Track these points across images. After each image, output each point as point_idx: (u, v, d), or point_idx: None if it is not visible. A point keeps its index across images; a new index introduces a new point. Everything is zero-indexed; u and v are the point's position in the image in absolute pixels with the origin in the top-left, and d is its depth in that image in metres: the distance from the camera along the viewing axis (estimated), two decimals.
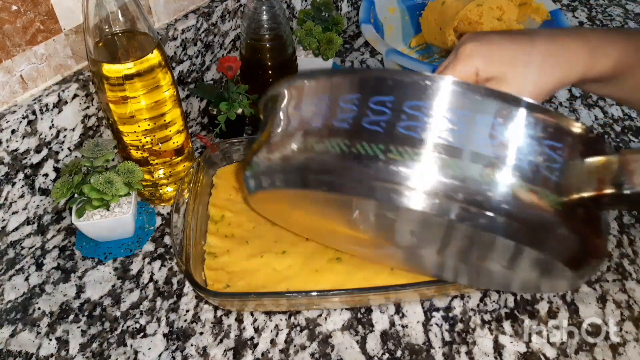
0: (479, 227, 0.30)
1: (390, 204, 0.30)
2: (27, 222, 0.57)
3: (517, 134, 0.30)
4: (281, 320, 0.51)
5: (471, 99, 0.30)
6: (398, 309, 0.51)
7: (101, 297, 0.53)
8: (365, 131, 0.30)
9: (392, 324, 0.50)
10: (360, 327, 0.50)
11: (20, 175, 0.54)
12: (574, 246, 0.32)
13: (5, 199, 0.54)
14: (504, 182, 0.29)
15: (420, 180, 0.29)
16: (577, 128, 0.31)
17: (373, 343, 0.49)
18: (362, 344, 0.49)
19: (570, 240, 0.31)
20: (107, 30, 0.50)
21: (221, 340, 0.49)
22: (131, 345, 0.49)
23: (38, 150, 0.54)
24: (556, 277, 0.36)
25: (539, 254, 0.32)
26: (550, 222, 0.30)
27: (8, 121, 0.50)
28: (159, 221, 0.60)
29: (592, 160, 0.30)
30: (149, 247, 0.57)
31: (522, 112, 0.30)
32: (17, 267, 0.55)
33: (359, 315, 0.51)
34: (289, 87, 0.36)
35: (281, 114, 0.36)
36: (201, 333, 0.50)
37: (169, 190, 0.61)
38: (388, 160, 0.29)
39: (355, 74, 0.33)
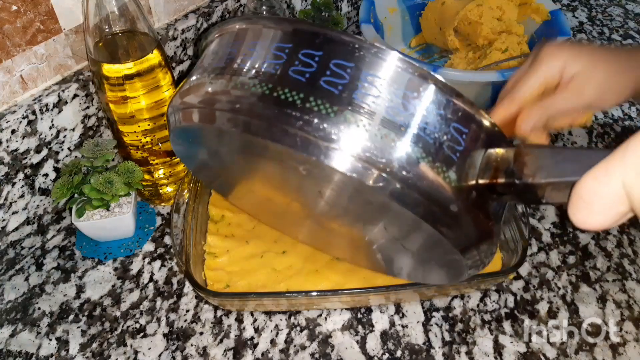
0: (376, 189, 0.30)
1: (297, 151, 0.31)
2: (27, 222, 0.57)
3: (427, 109, 0.31)
4: (281, 320, 0.51)
5: (392, 69, 0.31)
6: (398, 309, 0.51)
7: (101, 297, 0.53)
8: (289, 79, 0.31)
9: (392, 324, 0.50)
10: (360, 327, 0.50)
11: (20, 175, 0.54)
12: (464, 228, 0.33)
13: (5, 199, 0.54)
14: (408, 150, 0.30)
15: (329, 134, 0.30)
16: (485, 120, 0.32)
17: (373, 343, 0.49)
18: (362, 344, 0.49)
19: (462, 221, 0.32)
20: (107, 30, 0.50)
21: (221, 340, 0.49)
22: (131, 345, 0.49)
23: (38, 150, 0.54)
24: (447, 262, 0.37)
25: (429, 230, 0.32)
26: (445, 198, 0.31)
27: (8, 121, 0.51)
28: (159, 221, 0.60)
29: (491, 151, 0.32)
30: (149, 247, 0.57)
31: (432, 89, 0.31)
32: (17, 267, 0.55)
33: (359, 315, 0.51)
34: (222, 29, 0.37)
35: (210, 53, 0.37)
36: (201, 333, 0.50)
37: (169, 190, 0.61)
38: (304, 109, 0.30)
39: (290, 24, 0.33)
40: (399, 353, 0.48)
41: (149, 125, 0.53)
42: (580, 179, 0.24)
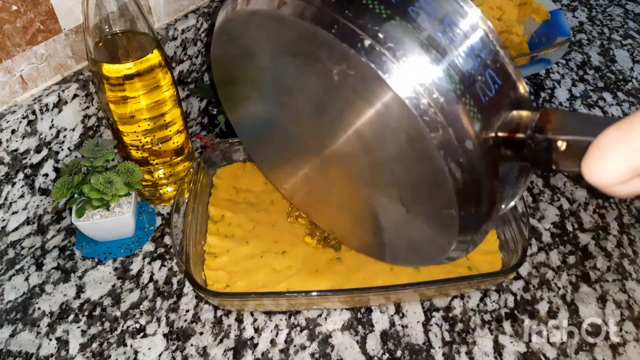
0: (404, 103, 0.30)
1: (344, 47, 0.30)
2: (27, 222, 0.57)
3: (472, 45, 0.31)
4: (281, 320, 0.51)
5: (454, 6, 0.31)
6: (398, 309, 0.51)
7: (101, 297, 0.53)
8: None
9: (392, 324, 0.50)
10: (360, 327, 0.50)
11: (20, 175, 0.54)
12: (471, 175, 0.32)
13: (5, 199, 0.54)
14: (443, 72, 0.30)
15: (381, 36, 0.30)
16: (520, 84, 0.32)
17: (373, 343, 0.49)
18: (362, 344, 0.49)
19: (472, 165, 0.32)
20: (107, 30, 0.50)
21: (221, 340, 0.49)
22: (131, 345, 0.49)
23: (38, 150, 0.54)
24: (439, 228, 0.37)
25: (438, 166, 0.32)
26: (464, 130, 0.31)
27: (8, 121, 0.50)
28: (159, 221, 0.60)
29: (517, 111, 0.32)
30: (149, 247, 0.57)
31: (481, 31, 0.31)
32: (17, 267, 0.55)
33: (359, 315, 0.51)
34: None
35: None
36: (201, 333, 0.50)
37: (169, 190, 0.61)
38: (361, 5, 0.30)
39: None
40: (399, 353, 0.48)
41: (149, 125, 0.53)
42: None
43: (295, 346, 0.49)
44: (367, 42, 0.30)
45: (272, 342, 0.49)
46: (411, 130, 0.31)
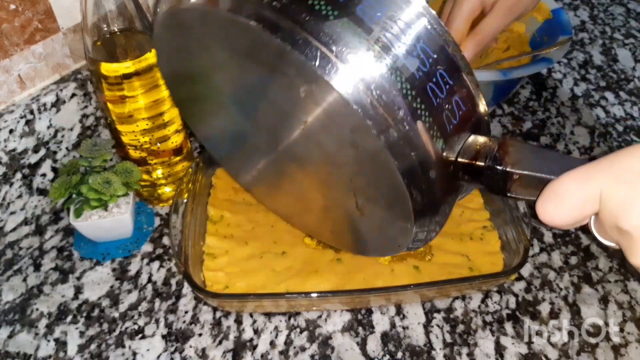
0: (373, 132, 0.30)
1: (299, 56, 0.29)
2: (25, 222, 0.57)
3: (441, 72, 0.31)
4: (281, 321, 0.50)
5: (418, 21, 0.31)
6: (399, 310, 0.51)
7: (99, 298, 0.52)
8: None
9: (393, 325, 0.50)
10: (360, 328, 0.50)
11: (18, 175, 0.53)
12: (430, 198, 0.33)
13: (3, 199, 0.53)
14: (413, 104, 0.30)
15: (333, 43, 0.29)
16: (482, 105, 0.33)
17: (373, 344, 0.49)
18: (363, 345, 0.48)
19: (431, 191, 0.33)
20: (106, 29, 0.49)
21: (220, 342, 0.49)
22: (129, 347, 0.49)
23: (36, 150, 0.54)
24: (393, 231, 0.38)
25: (400, 189, 0.32)
26: (429, 162, 0.31)
27: (6, 121, 0.50)
28: (157, 222, 0.59)
29: (477, 136, 0.33)
30: (147, 247, 0.57)
31: (450, 55, 0.31)
32: (15, 267, 0.55)
33: (359, 317, 0.51)
34: None
35: None
36: (200, 334, 0.49)
37: (167, 190, 0.60)
38: (308, 7, 0.29)
39: None
40: (399, 355, 0.48)
41: (147, 124, 0.53)
42: (557, 177, 0.27)
43: (295, 348, 0.48)
44: (325, 53, 0.29)
45: (272, 344, 0.49)
46: (377, 156, 0.31)
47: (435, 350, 0.48)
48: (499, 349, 0.48)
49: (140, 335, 0.49)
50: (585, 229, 0.29)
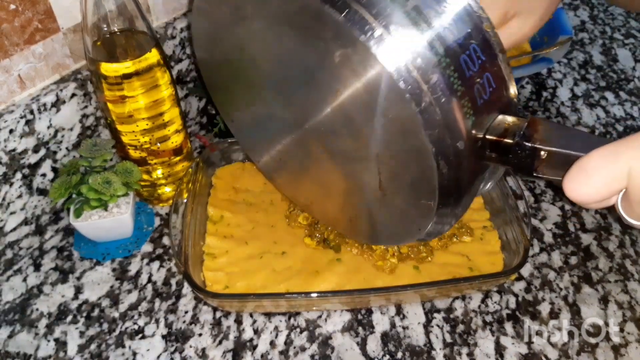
0: (406, 97, 0.30)
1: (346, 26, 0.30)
2: (25, 222, 0.57)
3: (474, 46, 0.31)
4: (281, 321, 0.50)
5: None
6: (399, 310, 0.51)
7: (99, 298, 0.52)
8: None
9: (393, 325, 0.50)
10: (360, 328, 0.50)
11: (18, 175, 0.53)
12: (456, 173, 0.33)
13: (3, 199, 0.53)
14: (447, 72, 0.30)
15: (382, 16, 0.30)
16: (512, 87, 0.33)
17: (373, 344, 0.49)
18: (363, 345, 0.48)
19: (459, 164, 0.32)
20: (106, 29, 0.49)
21: (220, 342, 0.49)
22: (129, 347, 0.49)
23: (36, 150, 0.54)
24: (413, 212, 0.38)
25: (427, 161, 0.32)
26: (459, 132, 0.31)
27: (6, 121, 0.50)
28: (157, 222, 0.59)
29: (506, 116, 0.33)
30: (147, 247, 0.57)
31: (484, 34, 0.32)
32: (15, 267, 0.55)
33: (359, 317, 0.51)
34: None
35: None
36: (200, 334, 0.49)
37: (167, 190, 0.60)
38: None
39: None
40: (399, 355, 0.48)
41: (147, 124, 0.53)
42: (585, 154, 0.26)
43: (295, 348, 0.48)
44: (377, 31, 0.29)
45: (272, 344, 0.49)
46: (408, 124, 0.31)
47: (435, 350, 0.48)
48: (499, 349, 0.48)
49: (140, 335, 0.49)
50: (603, 213, 0.29)
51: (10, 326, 0.50)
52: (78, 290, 0.53)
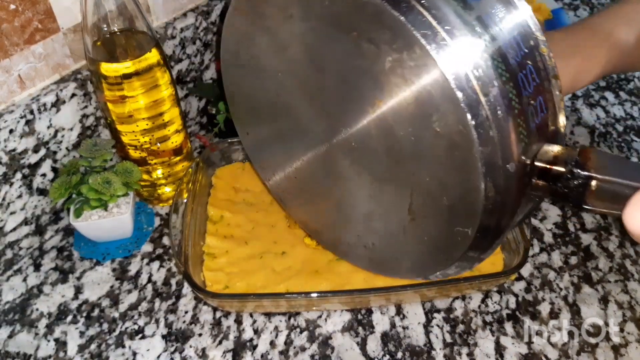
0: (462, 108, 0.28)
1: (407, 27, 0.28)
2: (25, 222, 0.57)
3: (532, 67, 0.31)
4: (281, 321, 0.50)
5: (519, 20, 0.31)
6: (399, 310, 0.51)
7: (99, 298, 0.52)
8: None
9: (393, 325, 0.50)
10: (360, 328, 0.50)
11: (18, 175, 0.53)
12: (501, 199, 0.31)
13: (3, 199, 0.53)
14: (506, 87, 0.29)
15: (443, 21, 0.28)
16: (562, 117, 0.32)
17: (373, 344, 0.48)
18: (363, 345, 0.48)
19: (506, 189, 0.30)
20: (106, 29, 0.49)
21: (220, 342, 0.49)
22: (129, 347, 0.49)
23: (36, 150, 0.54)
24: (443, 239, 0.35)
25: (473, 182, 0.30)
26: (511, 152, 0.30)
27: (6, 121, 0.50)
28: (157, 222, 0.59)
29: (554, 145, 0.31)
30: (147, 247, 0.57)
31: (542, 55, 0.31)
32: (15, 267, 0.55)
33: (359, 317, 0.51)
34: None
35: None
36: (200, 334, 0.49)
37: (167, 190, 0.60)
38: None
39: None
40: (399, 355, 0.48)
41: (147, 124, 0.53)
42: None
43: (295, 348, 0.48)
44: (438, 33, 0.28)
45: (272, 344, 0.49)
46: (459, 138, 0.29)
47: (435, 350, 0.48)
48: (499, 349, 0.48)
49: (140, 335, 0.49)
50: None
51: (10, 326, 0.50)
52: (78, 290, 0.53)
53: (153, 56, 0.51)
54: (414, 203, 0.37)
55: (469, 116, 0.28)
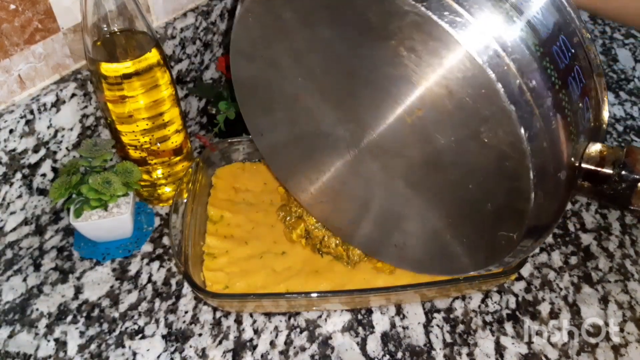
0: (509, 108, 0.27)
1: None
2: (25, 222, 0.57)
3: (579, 67, 0.29)
4: (281, 321, 0.50)
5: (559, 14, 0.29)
6: (399, 310, 0.51)
7: (99, 298, 0.52)
8: None
9: (393, 325, 0.50)
10: (360, 328, 0.50)
11: (18, 175, 0.53)
12: (548, 206, 0.30)
13: (3, 199, 0.53)
14: (557, 89, 0.27)
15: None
16: (605, 112, 0.31)
17: (373, 344, 0.48)
18: (363, 345, 0.48)
19: (555, 196, 0.30)
20: (106, 29, 0.49)
21: (220, 342, 0.49)
22: (129, 347, 0.49)
23: (36, 150, 0.54)
24: (483, 244, 0.34)
25: (519, 191, 0.29)
26: (562, 160, 0.29)
27: (6, 121, 0.50)
28: (157, 222, 0.59)
29: (598, 144, 0.30)
30: (147, 247, 0.57)
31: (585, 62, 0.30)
32: (15, 267, 0.55)
33: (359, 317, 0.51)
34: None
35: None
36: (200, 334, 0.49)
37: (167, 190, 0.60)
38: None
39: None
40: (399, 355, 0.48)
41: (147, 124, 0.53)
42: None
43: (294, 348, 0.48)
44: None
45: (272, 344, 0.49)
46: (509, 150, 0.28)
47: (435, 350, 0.48)
48: (499, 349, 0.48)
49: (140, 335, 0.49)
50: None
51: (10, 326, 0.50)
52: (78, 290, 0.53)
53: (153, 56, 0.51)
54: (452, 209, 0.36)
55: (522, 129, 0.27)
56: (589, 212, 0.61)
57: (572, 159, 0.29)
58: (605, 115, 0.31)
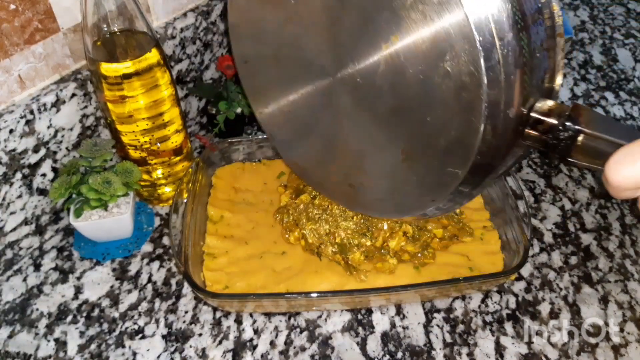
0: (477, 49, 0.29)
1: None
2: (25, 222, 0.57)
3: (544, 20, 0.32)
4: (281, 321, 0.50)
5: None
6: (399, 310, 0.51)
7: (99, 298, 0.52)
8: None
9: (393, 325, 0.50)
10: (360, 328, 0.50)
11: (18, 175, 0.53)
12: (495, 142, 0.32)
13: (3, 199, 0.53)
14: (520, 35, 0.30)
15: None
16: (560, 76, 0.33)
17: (373, 344, 0.48)
18: (363, 345, 0.48)
19: (502, 131, 0.32)
20: (106, 29, 0.49)
21: (220, 342, 0.49)
22: (129, 347, 0.49)
23: (36, 150, 0.54)
24: (431, 180, 0.36)
25: (472, 124, 0.31)
26: (514, 98, 0.31)
27: (6, 121, 0.50)
28: (157, 222, 0.59)
29: (548, 100, 0.33)
30: (147, 247, 0.57)
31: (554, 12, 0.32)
32: (15, 267, 0.55)
33: (359, 317, 0.51)
34: None
35: None
36: (200, 334, 0.49)
37: (167, 190, 0.60)
38: None
39: None
40: (399, 354, 0.48)
41: (147, 124, 0.53)
42: (632, 141, 0.26)
43: (294, 348, 0.48)
44: None
45: (272, 344, 0.49)
46: (467, 79, 0.30)
47: (435, 350, 0.48)
48: (499, 349, 0.48)
49: (140, 335, 0.49)
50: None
51: (10, 326, 0.50)
52: (78, 290, 0.53)
53: (153, 56, 0.51)
54: (409, 144, 0.38)
55: (482, 58, 0.29)
56: (589, 212, 0.61)
57: (523, 105, 0.32)
58: (559, 79, 0.33)
